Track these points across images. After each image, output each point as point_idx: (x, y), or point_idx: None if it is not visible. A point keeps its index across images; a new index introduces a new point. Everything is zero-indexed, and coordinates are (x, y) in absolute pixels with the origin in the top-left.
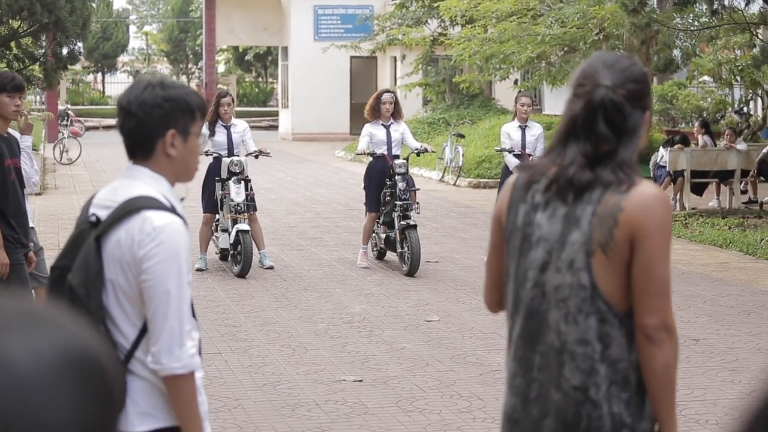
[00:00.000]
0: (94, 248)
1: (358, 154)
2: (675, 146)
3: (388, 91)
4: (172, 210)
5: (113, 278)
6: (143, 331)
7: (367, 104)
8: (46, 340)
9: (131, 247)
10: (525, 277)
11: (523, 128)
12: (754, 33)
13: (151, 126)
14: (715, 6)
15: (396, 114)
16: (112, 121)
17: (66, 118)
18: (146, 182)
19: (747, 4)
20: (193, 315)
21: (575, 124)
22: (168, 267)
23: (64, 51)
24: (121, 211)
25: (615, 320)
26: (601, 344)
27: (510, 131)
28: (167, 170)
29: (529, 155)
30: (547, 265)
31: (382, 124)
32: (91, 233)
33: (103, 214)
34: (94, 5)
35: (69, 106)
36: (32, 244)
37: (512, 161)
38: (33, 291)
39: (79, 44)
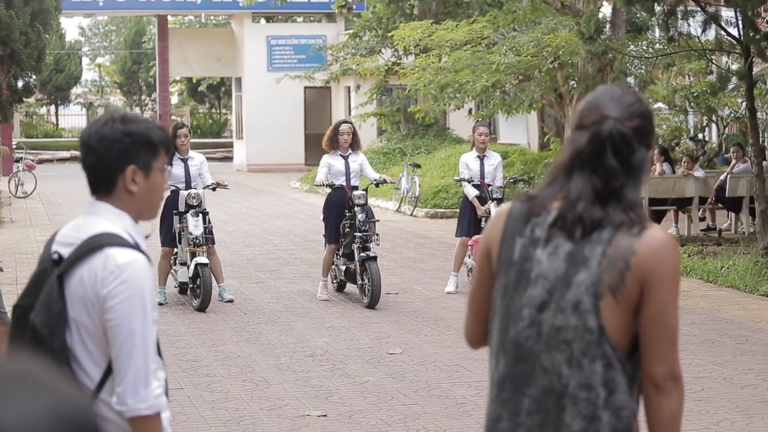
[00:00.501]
0: (57, 286)
1: (316, 185)
2: None
3: (346, 121)
4: (136, 247)
5: (77, 317)
6: (108, 371)
7: (325, 135)
8: (40, 404)
9: (94, 285)
10: (519, 315)
11: (481, 158)
12: (710, 59)
13: (111, 161)
14: (671, 33)
15: (354, 144)
16: (66, 154)
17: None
18: (109, 219)
19: (703, 31)
20: (159, 353)
21: (581, 157)
22: (132, 305)
23: (19, 84)
24: (83, 249)
25: (619, 365)
26: (606, 390)
27: (468, 161)
28: (129, 206)
29: (488, 185)
30: (546, 305)
31: (341, 155)
32: (54, 271)
33: (66, 252)
34: (48, 37)
35: (24, 149)
36: None
37: (471, 191)
38: None
39: (34, 77)
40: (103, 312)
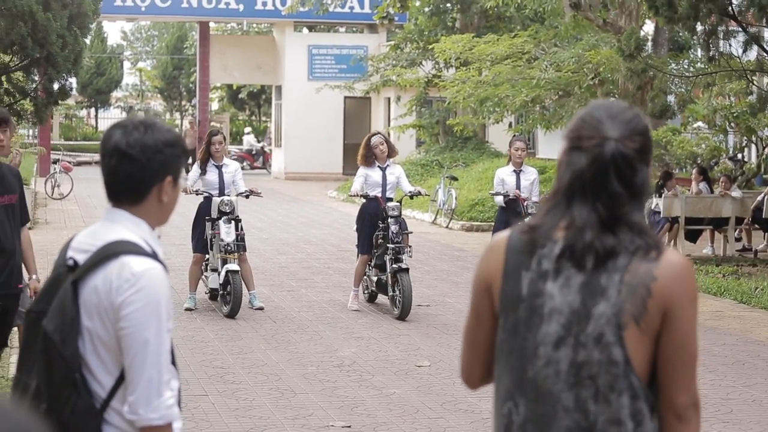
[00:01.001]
0: (71, 293)
1: (351, 195)
2: (663, 189)
3: (374, 134)
4: (153, 255)
5: (90, 325)
6: (120, 379)
7: (359, 154)
8: None
9: (109, 293)
10: (535, 354)
11: (517, 172)
12: (751, 80)
13: (152, 171)
14: (711, 52)
15: (391, 152)
16: None
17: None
18: (126, 226)
19: (744, 51)
20: (173, 363)
21: (581, 181)
22: (147, 314)
23: (55, 86)
24: (99, 256)
25: (643, 395)
26: (634, 422)
27: (504, 176)
28: (153, 215)
29: (524, 200)
30: (563, 341)
31: (379, 167)
32: (68, 277)
33: (81, 258)
34: (87, 41)
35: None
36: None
37: (499, 199)
38: (17, 328)
39: (71, 80)
40: (116, 320)
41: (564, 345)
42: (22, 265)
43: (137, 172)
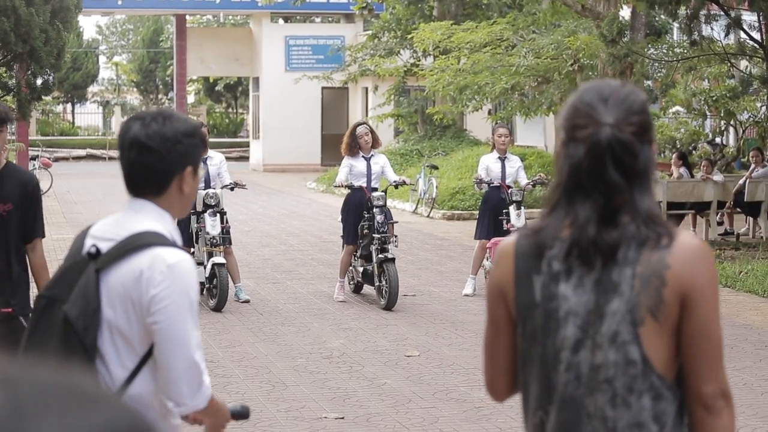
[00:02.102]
0: (94, 281)
1: (336, 186)
2: None
3: (360, 123)
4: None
5: (110, 315)
6: (134, 373)
7: (343, 143)
8: (85, 423)
9: (138, 284)
10: (557, 359)
11: (502, 160)
12: (732, 64)
13: (172, 163)
14: (693, 36)
15: (375, 142)
16: (82, 152)
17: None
18: (152, 217)
19: (726, 35)
20: None
21: (580, 174)
22: (181, 307)
23: (38, 81)
24: (127, 246)
25: (669, 394)
26: (658, 425)
27: (489, 163)
28: (175, 206)
29: (508, 187)
30: (582, 343)
31: (363, 156)
32: (90, 265)
33: (104, 246)
34: (67, 35)
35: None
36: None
37: (483, 188)
38: None
39: (53, 75)
40: (147, 313)
41: (583, 348)
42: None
43: (158, 163)
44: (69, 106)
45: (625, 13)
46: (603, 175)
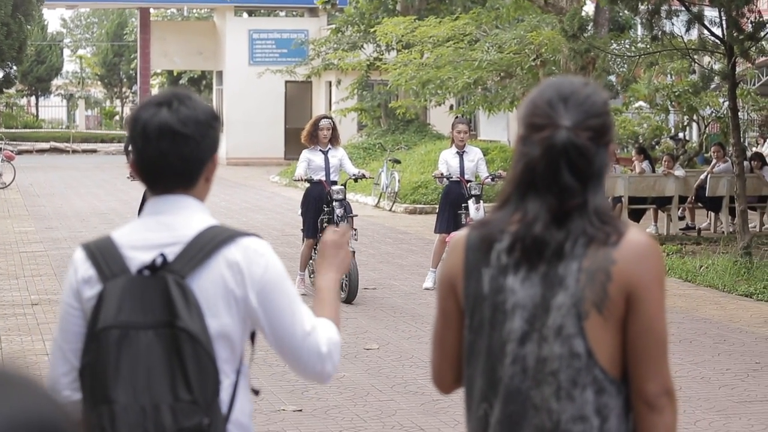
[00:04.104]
0: (188, 290)
1: (295, 180)
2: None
3: (325, 117)
4: None
5: (213, 323)
6: (235, 384)
7: (305, 130)
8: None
9: (237, 278)
10: (502, 352)
11: (460, 154)
12: (693, 59)
13: (205, 150)
14: (654, 32)
15: (334, 140)
16: (46, 145)
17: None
18: (202, 210)
19: (687, 30)
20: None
21: (533, 173)
22: (288, 282)
23: (0, 75)
24: (205, 245)
25: (612, 388)
26: (599, 418)
27: (448, 158)
28: (203, 198)
29: (468, 181)
30: (528, 336)
31: (320, 150)
32: (165, 276)
33: (169, 253)
34: (29, 28)
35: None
36: None
37: (443, 182)
38: None
39: (15, 68)
40: (255, 302)
41: (529, 340)
42: None
43: (193, 151)
44: (33, 99)
45: (589, 8)
46: (557, 178)
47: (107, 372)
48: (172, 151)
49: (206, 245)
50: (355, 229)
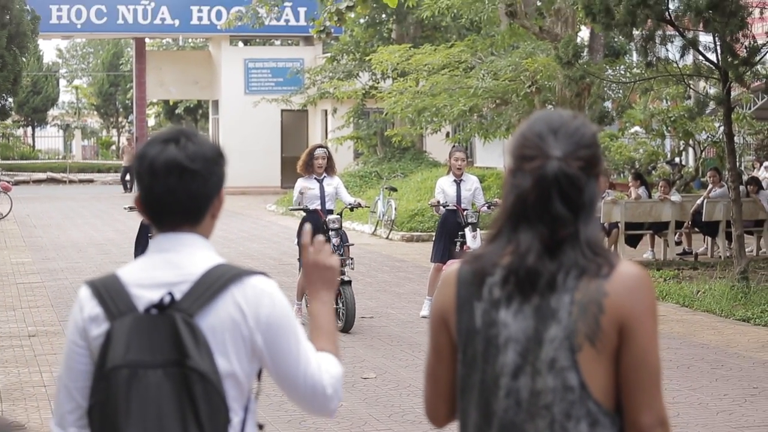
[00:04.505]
0: (196, 328)
1: (291, 209)
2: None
3: (320, 146)
4: None
5: (223, 363)
6: (243, 423)
7: (300, 159)
8: None
9: (245, 317)
10: (496, 385)
11: (458, 182)
12: (688, 84)
13: (212, 186)
14: (649, 58)
15: (329, 169)
16: (43, 176)
17: None
18: (208, 248)
19: (681, 56)
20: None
21: (525, 204)
22: (296, 323)
23: None
24: (213, 284)
25: (606, 420)
26: None
27: (445, 186)
28: (208, 234)
29: (464, 209)
30: (521, 369)
31: (315, 179)
32: (173, 315)
33: (177, 291)
34: (24, 60)
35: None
36: None
37: (440, 211)
38: None
39: (10, 99)
40: (260, 341)
41: (523, 374)
42: None
43: (201, 188)
44: (29, 129)
45: (585, 33)
46: (549, 208)
47: (117, 412)
48: (180, 187)
49: (214, 284)
50: (352, 258)
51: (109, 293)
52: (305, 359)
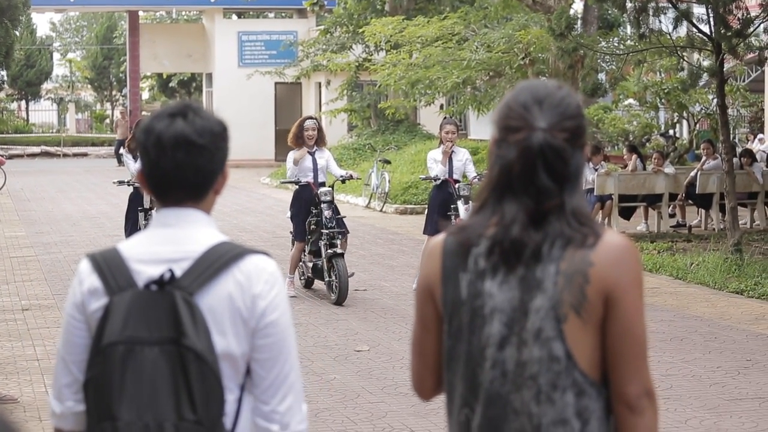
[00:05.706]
0: (195, 306)
1: (283, 182)
2: (589, 164)
3: (310, 117)
4: None
5: (220, 342)
6: (239, 401)
7: (290, 132)
8: None
9: (245, 298)
10: (482, 356)
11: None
12: (681, 56)
13: (218, 162)
14: (642, 30)
15: (319, 140)
16: (37, 149)
17: None
18: (211, 225)
19: (674, 28)
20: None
21: (510, 176)
22: (289, 317)
23: None
24: (215, 262)
25: (592, 391)
26: (580, 421)
27: (436, 157)
28: (210, 210)
29: (456, 181)
30: (507, 340)
31: (308, 152)
32: (173, 292)
33: (176, 268)
34: (17, 33)
35: None
36: None
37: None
38: None
39: (2, 72)
40: (258, 327)
41: (508, 344)
42: None
43: (208, 163)
44: (23, 103)
45: (578, 6)
46: (534, 180)
47: (112, 388)
48: (187, 162)
49: (215, 262)
50: (347, 231)
51: (110, 267)
52: (294, 355)
